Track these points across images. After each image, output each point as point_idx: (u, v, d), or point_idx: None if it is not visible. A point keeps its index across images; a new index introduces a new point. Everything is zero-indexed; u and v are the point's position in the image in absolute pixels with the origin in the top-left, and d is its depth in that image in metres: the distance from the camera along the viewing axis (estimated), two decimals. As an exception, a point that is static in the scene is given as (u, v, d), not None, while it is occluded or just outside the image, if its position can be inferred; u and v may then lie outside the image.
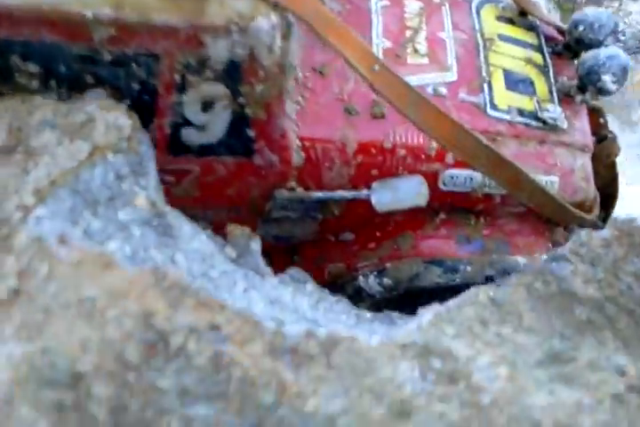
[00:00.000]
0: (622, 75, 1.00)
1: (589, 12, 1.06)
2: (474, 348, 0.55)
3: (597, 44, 1.03)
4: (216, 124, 0.71)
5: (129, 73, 0.65)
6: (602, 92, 1.00)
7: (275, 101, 0.71)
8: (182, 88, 0.67)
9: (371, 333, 0.55)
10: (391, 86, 0.77)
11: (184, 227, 0.57)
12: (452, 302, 0.59)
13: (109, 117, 0.58)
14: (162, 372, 0.44)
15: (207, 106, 0.68)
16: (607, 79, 0.98)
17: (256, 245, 0.65)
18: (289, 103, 0.75)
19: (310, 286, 0.62)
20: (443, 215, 0.96)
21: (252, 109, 0.70)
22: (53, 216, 0.50)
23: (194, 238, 0.56)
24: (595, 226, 0.99)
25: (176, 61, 0.64)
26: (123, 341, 0.44)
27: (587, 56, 1.00)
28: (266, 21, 0.63)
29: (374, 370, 0.49)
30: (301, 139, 0.79)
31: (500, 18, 1.09)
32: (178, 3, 0.62)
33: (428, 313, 0.57)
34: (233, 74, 0.65)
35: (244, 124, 0.71)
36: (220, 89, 0.67)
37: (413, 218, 0.94)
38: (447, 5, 1.05)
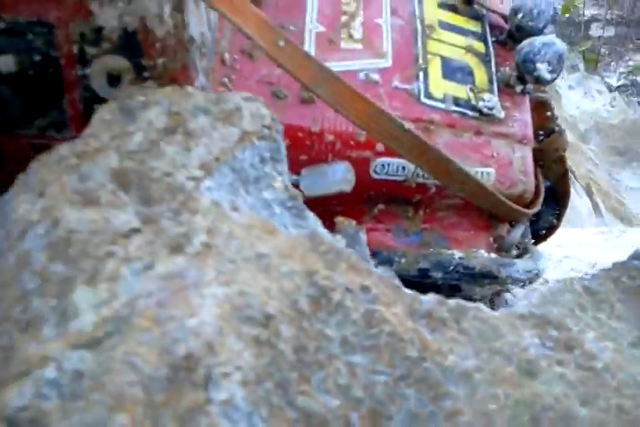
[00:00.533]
0: (558, 63, 0.93)
1: None
2: (579, 326, 0.61)
3: (537, 31, 0.98)
4: None
5: (27, 43, 0.62)
6: (538, 81, 0.95)
7: (181, 77, 0.67)
8: (84, 61, 0.64)
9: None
10: (298, 62, 0.71)
11: (309, 212, 0.63)
12: (552, 287, 0.66)
13: (252, 107, 0.65)
14: (327, 323, 0.50)
15: (114, 80, 0.65)
16: (542, 68, 0.92)
17: (364, 236, 0.71)
18: (203, 80, 0.71)
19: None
20: (381, 206, 0.92)
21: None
22: (220, 188, 0.57)
23: (317, 223, 0.63)
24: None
25: (71, 31, 0.61)
26: (294, 293, 0.50)
27: (523, 44, 0.95)
28: None
29: (500, 336, 0.55)
30: None
31: (442, 5, 1.03)
32: None
33: (534, 294, 0.63)
34: (131, 45, 0.63)
35: None
36: (122, 62, 0.64)
37: (352, 208, 0.89)
38: None
